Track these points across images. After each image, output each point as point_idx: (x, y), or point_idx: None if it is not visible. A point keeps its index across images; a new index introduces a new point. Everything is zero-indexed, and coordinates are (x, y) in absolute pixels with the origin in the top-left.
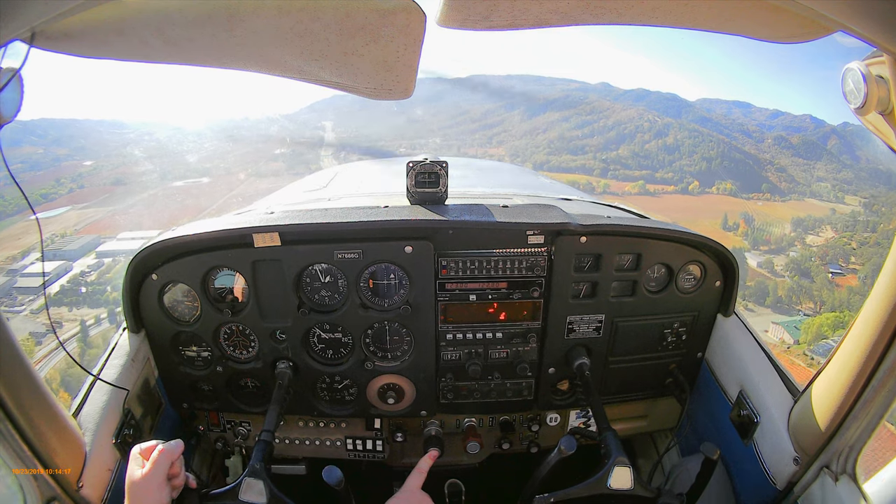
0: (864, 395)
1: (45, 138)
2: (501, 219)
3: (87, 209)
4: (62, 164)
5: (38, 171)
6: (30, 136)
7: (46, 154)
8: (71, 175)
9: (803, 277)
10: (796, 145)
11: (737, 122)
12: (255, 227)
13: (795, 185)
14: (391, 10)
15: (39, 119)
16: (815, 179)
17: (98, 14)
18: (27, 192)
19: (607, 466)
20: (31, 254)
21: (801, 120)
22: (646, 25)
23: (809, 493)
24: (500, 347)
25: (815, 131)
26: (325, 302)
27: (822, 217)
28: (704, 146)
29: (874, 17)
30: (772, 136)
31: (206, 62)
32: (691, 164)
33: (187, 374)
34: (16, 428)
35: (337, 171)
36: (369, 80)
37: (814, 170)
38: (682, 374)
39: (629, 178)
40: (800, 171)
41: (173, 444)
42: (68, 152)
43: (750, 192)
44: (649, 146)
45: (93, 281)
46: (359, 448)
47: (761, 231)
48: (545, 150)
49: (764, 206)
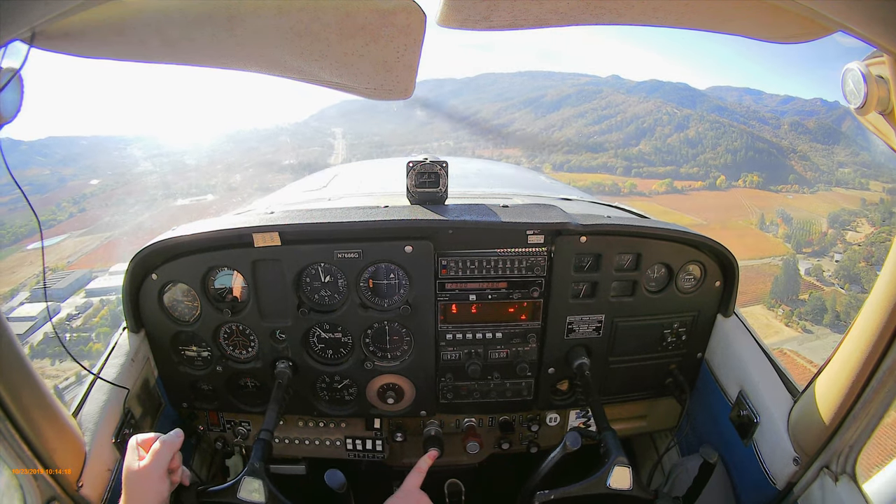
0: (864, 395)
1: (52, 158)
2: (501, 218)
3: (84, 236)
4: (68, 185)
5: (43, 194)
6: (35, 156)
7: (53, 175)
8: (74, 196)
9: (854, 285)
10: (813, 130)
11: (751, 109)
12: (255, 226)
13: (821, 173)
14: (391, 10)
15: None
16: (837, 165)
17: (98, 14)
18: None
19: (607, 466)
20: (21, 292)
21: (812, 104)
22: (646, 25)
23: (809, 493)
24: (499, 347)
25: (828, 114)
26: (324, 302)
27: (855, 210)
28: (727, 138)
29: (874, 17)
30: (787, 121)
31: (206, 62)
32: (715, 157)
33: (187, 373)
34: (16, 428)
35: (337, 171)
36: (369, 80)
37: (833, 155)
38: (682, 375)
39: (654, 175)
40: (821, 157)
41: (173, 435)
42: (74, 171)
43: (778, 185)
44: (671, 140)
45: (78, 326)
46: (358, 448)
47: (801, 230)
48: (563, 148)
49: (795, 200)
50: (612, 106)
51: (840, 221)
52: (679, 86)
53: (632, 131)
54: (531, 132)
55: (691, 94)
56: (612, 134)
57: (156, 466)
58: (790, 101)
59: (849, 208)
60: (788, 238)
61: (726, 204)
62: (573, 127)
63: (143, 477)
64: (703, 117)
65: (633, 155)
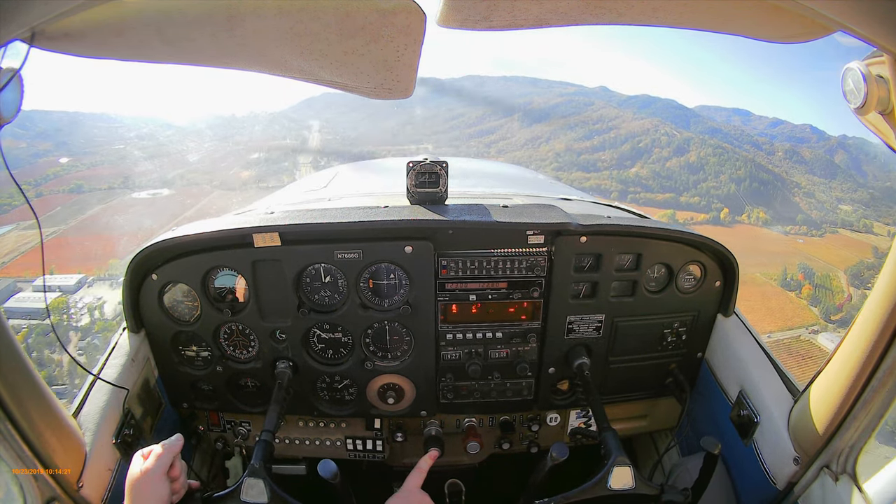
0: (863, 395)
1: (32, 131)
2: (501, 219)
3: (29, 230)
4: (39, 161)
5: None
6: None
7: (29, 149)
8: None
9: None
10: (809, 161)
11: (743, 131)
12: (255, 227)
13: (825, 212)
14: (391, 10)
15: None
16: (836, 201)
17: (98, 14)
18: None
19: (607, 467)
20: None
21: (802, 130)
22: (646, 25)
23: (809, 493)
24: (499, 347)
25: (820, 143)
26: (325, 302)
27: (870, 261)
28: (730, 165)
29: (874, 17)
30: (781, 148)
31: (206, 62)
32: (718, 185)
33: (187, 373)
34: (16, 428)
35: (337, 171)
36: (369, 79)
37: (831, 190)
38: (682, 374)
39: (653, 202)
40: (821, 192)
41: (173, 439)
42: (50, 147)
43: (786, 224)
44: (670, 164)
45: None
46: (359, 448)
47: (824, 290)
48: (552, 163)
49: (806, 245)
50: (605, 120)
51: (861, 280)
52: (670, 103)
53: (627, 151)
54: (517, 141)
55: (684, 114)
56: (605, 152)
57: (156, 467)
58: (779, 124)
59: (866, 261)
60: (814, 301)
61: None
62: (562, 140)
63: (143, 479)
64: (704, 141)
65: (629, 178)
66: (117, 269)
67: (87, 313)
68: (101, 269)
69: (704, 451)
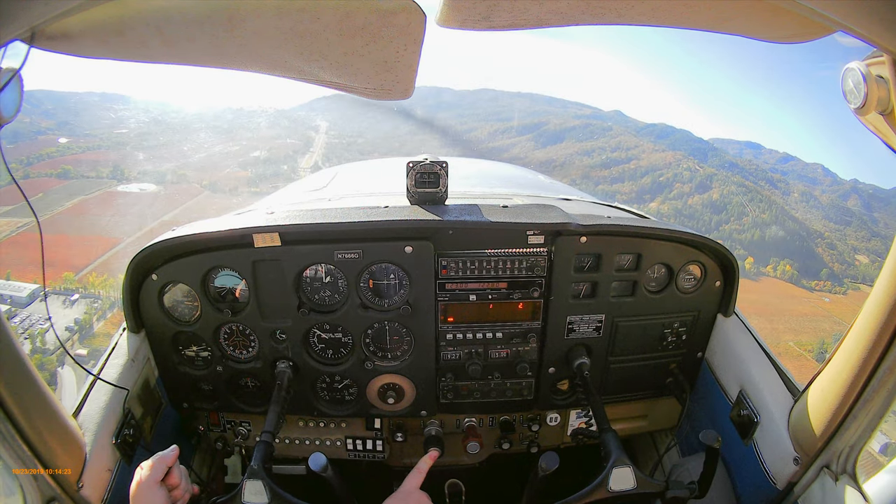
0: (863, 395)
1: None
2: (501, 219)
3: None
4: (39, 139)
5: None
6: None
7: (32, 125)
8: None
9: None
10: (826, 206)
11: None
12: (256, 227)
13: (847, 266)
14: (391, 11)
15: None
16: (852, 250)
17: (98, 14)
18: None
19: (606, 469)
20: None
21: (813, 169)
22: (646, 25)
23: (809, 493)
24: (500, 347)
25: (833, 187)
26: (325, 302)
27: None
28: (755, 206)
29: (874, 17)
30: (797, 189)
31: (206, 62)
32: (741, 229)
33: (187, 373)
34: (16, 428)
35: (337, 170)
36: (369, 80)
37: (846, 238)
38: (683, 374)
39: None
40: (838, 240)
41: (168, 450)
42: (52, 125)
43: (811, 279)
44: (692, 201)
45: None
46: (359, 448)
47: None
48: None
49: (832, 305)
50: (623, 148)
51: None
52: (686, 134)
53: (647, 184)
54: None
55: (702, 147)
56: (624, 183)
57: (149, 477)
58: (789, 160)
59: None
60: None
61: (766, 305)
62: (577, 167)
63: (139, 490)
64: (727, 179)
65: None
66: (73, 284)
67: (28, 339)
68: (57, 282)
69: (705, 445)
